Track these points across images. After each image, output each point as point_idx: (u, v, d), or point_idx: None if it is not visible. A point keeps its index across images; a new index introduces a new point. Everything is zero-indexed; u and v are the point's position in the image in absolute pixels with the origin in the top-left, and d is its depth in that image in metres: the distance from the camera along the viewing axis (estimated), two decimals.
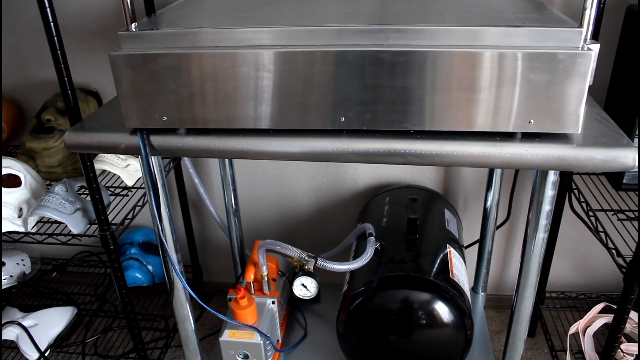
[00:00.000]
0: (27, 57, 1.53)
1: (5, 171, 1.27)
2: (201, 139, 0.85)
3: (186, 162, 1.37)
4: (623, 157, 0.76)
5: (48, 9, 0.97)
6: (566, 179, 1.30)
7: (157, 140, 0.86)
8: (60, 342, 1.53)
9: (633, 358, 1.29)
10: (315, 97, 0.79)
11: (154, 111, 0.84)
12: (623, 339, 1.36)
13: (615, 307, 1.03)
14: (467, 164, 0.80)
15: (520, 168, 0.83)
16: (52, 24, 0.98)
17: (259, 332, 1.18)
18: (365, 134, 0.81)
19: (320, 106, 0.80)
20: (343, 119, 0.80)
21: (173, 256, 1.04)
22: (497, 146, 0.79)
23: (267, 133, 0.84)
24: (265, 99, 0.81)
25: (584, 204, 1.20)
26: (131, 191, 1.41)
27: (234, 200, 1.48)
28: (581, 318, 1.42)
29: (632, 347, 1.29)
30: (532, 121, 0.78)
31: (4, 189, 1.25)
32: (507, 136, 0.80)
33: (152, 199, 0.95)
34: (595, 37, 1.21)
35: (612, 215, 1.20)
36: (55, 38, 0.99)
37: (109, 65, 1.48)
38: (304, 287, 1.31)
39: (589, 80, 0.75)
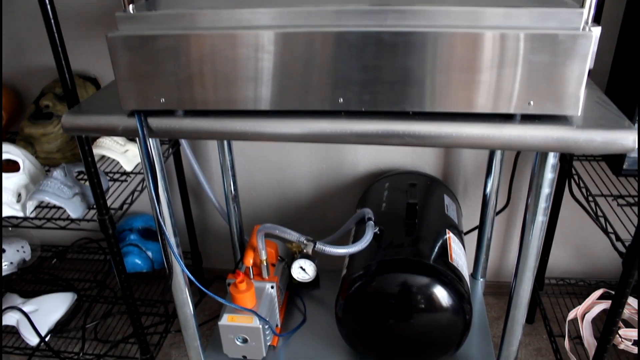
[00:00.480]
0: (26, 44, 1.52)
1: (4, 156, 1.26)
2: (199, 120, 0.84)
3: (185, 147, 1.37)
4: (623, 139, 0.75)
5: None
6: (566, 164, 1.30)
7: (155, 122, 0.86)
8: (60, 328, 1.54)
9: (631, 343, 1.29)
10: (313, 78, 0.79)
11: (152, 93, 0.83)
12: (621, 324, 1.36)
13: (613, 293, 1.03)
14: (467, 146, 0.80)
15: (519, 150, 0.83)
16: (49, 9, 0.98)
17: (258, 316, 1.19)
18: (364, 115, 0.81)
19: (319, 87, 0.79)
20: (342, 100, 0.80)
21: (172, 239, 1.03)
22: (497, 127, 0.78)
23: (266, 114, 0.83)
24: (263, 80, 0.80)
25: (583, 190, 1.20)
26: (130, 177, 1.40)
27: (233, 186, 1.48)
28: (580, 304, 1.42)
29: (630, 333, 1.30)
30: (531, 103, 0.77)
31: (2, 174, 1.24)
32: (506, 118, 0.79)
33: (150, 181, 0.95)
34: (597, 20, 1.20)
35: (612, 200, 1.20)
36: (53, 23, 0.99)
37: (107, 51, 1.47)
38: (303, 270, 1.31)
39: (589, 62, 0.74)
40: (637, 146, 0.76)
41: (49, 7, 0.97)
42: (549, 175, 0.88)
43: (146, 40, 0.80)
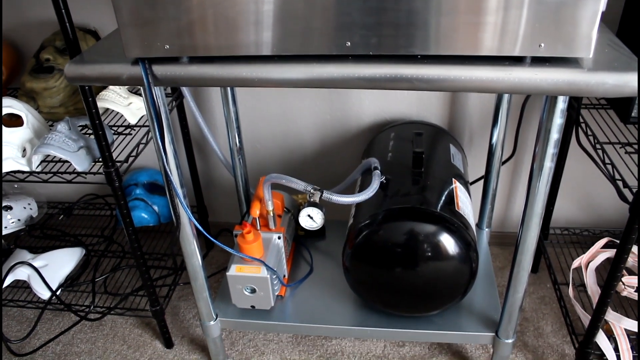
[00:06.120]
0: None
1: (6, 111, 1.25)
2: (204, 67, 0.83)
3: (189, 100, 1.36)
4: (635, 81, 0.74)
5: None
6: (573, 112, 1.29)
7: (159, 69, 0.85)
8: (70, 282, 1.56)
9: (634, 290, 1.30)
10: (319, 22, 0.77)
11: (156, 39, 0.82)
12: (625, 272, 1.37)
13: (618, 242, 1.03)
14: (475, 89, 0.79)
15: (529, 93, 0.81)
16: None
17: (266, 265, 1.20)
18: (371, 59, 0.80)
19: (325, 31, 0.78)
20: (349, 43, 0.78)
21: (179, 190, 1.04)
22: (506, 70, 0.77)
23: (271, 60, 0.82)
24: (267, 24, 0.78)
25: (591, 138, 1.19)
26: (134, 129, 1.40)
27: (238, 138, 1.47)
28: (584, 253, 1.43)
29: (633, 280, 1.31)
30: (542, 45, 0.76)
31: (7, 129, 1.24)
32: (516, 60, 0.78)
33: (157, 131, 0.94)
34: None
35: (620, 148, 1.19)
36: None
37: (106, 3, 1.45)
38: (310, 218, 1.31)
39: (602, 2, 0.72)
40: None
41: None
42: (558, 120, 0.87)
43: None
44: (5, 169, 1.20)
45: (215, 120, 1.62)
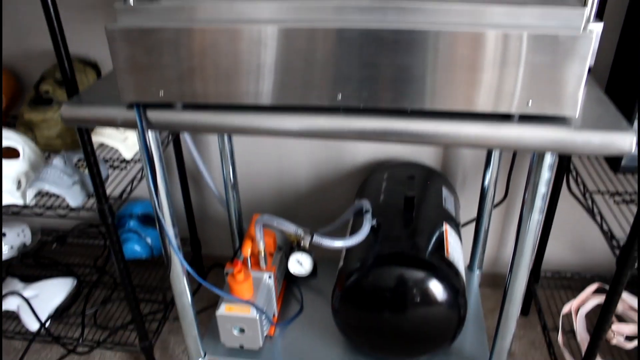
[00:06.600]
0: (26, 26, 1.51)
1: (3, 143, 1.26)
2: (198, 114, 0.85)
3: (185, 135, 1.37)
4: (620, 141, 0.76)
5: None
6: (564, 159, 1.30)
7: (154, 114, 0.86)
8: (60, 313, 1.55)
9: (623, 338, 1.30)
10: (312, 74, 0.79)
11: (151, 85, 0.84)
12: (614, 319, 1.37)
13: (608, 287, 1.04)
14: (464, 145, 0.80)
15: (517, 150, 0.83)
16: None
17: (255, 306, 1.20)
18: (362, 112, 0.81)
19: (317, 83, 0.79)
20: (340, 96, 0.80)
21: (170, 231, 1.04)
22: (495, 127, 0.79)
23: (265, 109, 0.84)
24: (261, 75, 0.80)
25: (581, 186, 1.20)
26: (130, 164, 1.41)
27: (233, 173, 1.48)
28: (575, 297, 1.43)
29: (623, 328, 1.31)
30: (530, 102, 0.77)
31: (2, 162, 1.25)
32: (504, 117, 0.80)
33: (149, 174, 0.95)
34: (600, 14, 1.20)
35: (609, 198, 1.20)
36: (51, 6, 0.97)
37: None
38: (299, 264, 1.32)
39: (589, 63, 0.74)
40: (634, 147, 0.76)
41: None
42: (546, 174, 0.88)
43: (145, 32, 0.80)
44: None
45: (210, 154, 1.63)
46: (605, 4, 1.19)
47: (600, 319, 1.07)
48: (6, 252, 1.67)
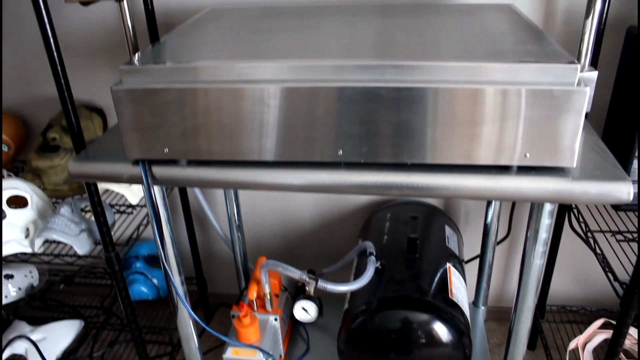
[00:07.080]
0: (33, 73, 1.54)
1: (12, 192, 1.29)
2: (202, 170, 0.87)
3: None
4: (617, 191, 0.77)
5: (47, 25, 0.96)
6: None
7: (158, 170, 0.88)
8: (67, 356, 1.56)
9: None
10: (313, 131, 0.81)
11: (156, 143, 0.86)
12: (622, 355, 1.37)
13: (614, 322, 1.04)
14: (463, 197, 0.81)
15: (516, 201, 0.84)
16: (51, 40, 0.97)
17: (262, 351, 1.20)
18: (362, 167, 0.83)
19: (318, 140, 0.81)
20: (341, 152, 0.82)
21: (177, 280, 1.05)
22: (494, 179, 0.80)
23: (266, 165, 0.85)
24: (264, 133, 0.82)
25: (583, 225, 1.21)
26: (136, 209, 1.43)
27: (237, 214, 1.50)
28: (581, 332, 1.43)
29: None
30: (527, 154, 0.79)
31: (11, 210, 1.27)
32: (503, 169, 0.81)
33: (155, 225, 0.97)
34: (595, 57, 1.22)
35: (611, 236, 1.21)
36: (57, 58, 0.99)
37: (112, 80, 1.50)
38: (305, 311, 1.33)
39: (584, 116, 0.76)
40: (631, 195, 0.78)
41: (50, 37, 0.97)
42: (546, 221, 0.89)
43: (150, 93, 0.82)
44: (8, 252, 1.23)
45: (215, 194, 1.65)
46: (600, 48, 1.21)
47: (608, 355, 1.07)
48: (14, 294, 1.68)
